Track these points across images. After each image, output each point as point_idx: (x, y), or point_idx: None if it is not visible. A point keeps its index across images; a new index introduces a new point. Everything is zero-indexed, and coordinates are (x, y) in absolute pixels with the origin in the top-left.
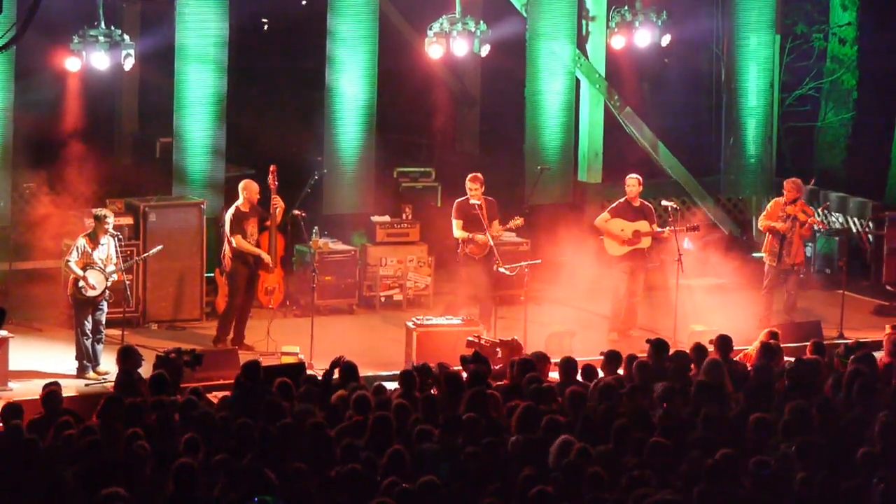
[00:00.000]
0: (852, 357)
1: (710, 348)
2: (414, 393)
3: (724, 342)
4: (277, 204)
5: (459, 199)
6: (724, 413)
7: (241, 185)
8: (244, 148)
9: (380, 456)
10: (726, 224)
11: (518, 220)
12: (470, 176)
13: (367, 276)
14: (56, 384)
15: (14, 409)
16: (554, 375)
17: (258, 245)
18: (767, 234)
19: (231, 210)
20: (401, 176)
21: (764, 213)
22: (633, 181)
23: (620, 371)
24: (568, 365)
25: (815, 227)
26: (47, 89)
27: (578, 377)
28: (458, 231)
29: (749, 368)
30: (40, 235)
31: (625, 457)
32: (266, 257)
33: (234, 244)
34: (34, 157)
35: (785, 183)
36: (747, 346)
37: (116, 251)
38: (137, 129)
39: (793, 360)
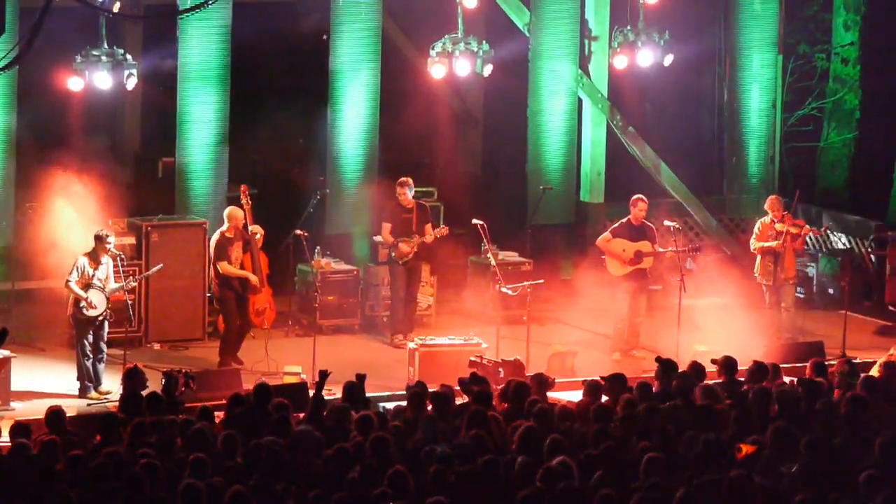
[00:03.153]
0: (862, 377)
1: (712, 368)
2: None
3: (728, 364)
4: (257, 231)
5: (391, 203)
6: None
7: (226, 213)
8: (246, 167)
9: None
10: (729, 244)
11: (443, 230)
12: (399, 180)
13: (369, 296)
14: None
15: (22, 428)
16: (553, 396)
17: (243, 268)
18: (760, 255)
19: (216, 236)
20: None
21: (754, 236)
22: (644, 205)
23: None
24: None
25: (812, 237)
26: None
27: None
28: (385, 235)
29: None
30: (42, 255)
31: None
32: (253, 278)
33: (220, 271)
34: (36, 177)
35: (767, 205)
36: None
37: (119, 270)
38: (139, 148)
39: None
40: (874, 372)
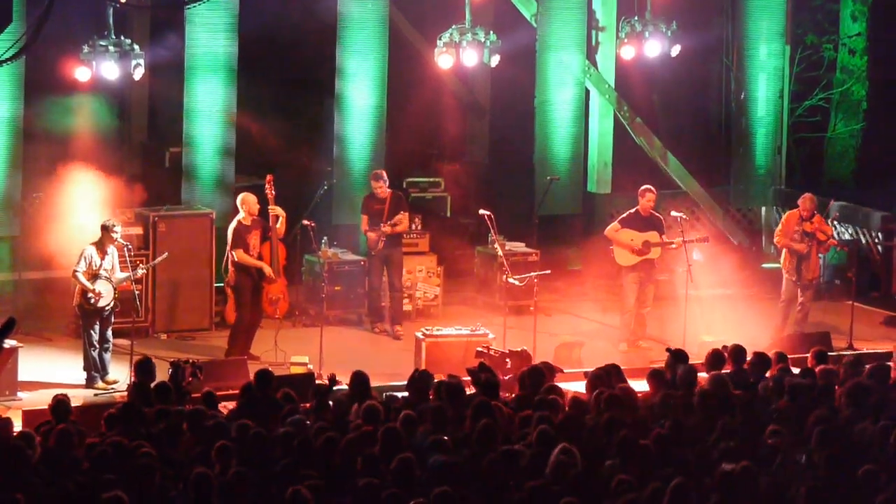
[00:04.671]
0: (868, 368)
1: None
2: (421, 402)
3: (737, 353)
4: (278, 213)
5: (367, 194)
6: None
7: (238, 200)
8: (254, 158)
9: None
10: (736, 234)
11: (400, 223)
12: (372, 173)
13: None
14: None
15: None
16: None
17: (260, 257)
18: (784, 250)
19: (233, 224)
20: (410, 186)
21: (779, 227)
22: (652, 196)
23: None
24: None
25: (835, 248)
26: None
27: None
28: (363, 226)
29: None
30: (49, 245)
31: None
32: (267, 269)
33: (235, 258)
34: (43, 167)
35: (801, 200)
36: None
37: (126, 260)
38: (146, 138)
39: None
40: None
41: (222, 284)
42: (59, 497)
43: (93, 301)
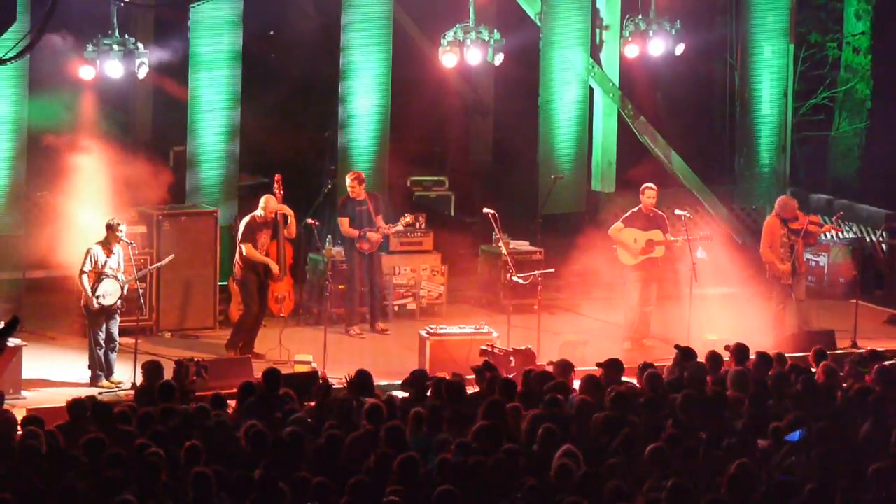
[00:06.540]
0: (876, 368)
1: (726, 356)
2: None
3: (740, 351)
4: (287, 213)
5: (342, 197)
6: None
7: (262, 199)
8: (257, 156)
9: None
10: (740, 233)
11: (408, 218)
12: (349, 174)
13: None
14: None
15: (33, 420)
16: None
17: (268, 254)
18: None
19: (246, 219)
20: (414, 185)
21: (763, 239)
22: (652, 192)
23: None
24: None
25: (831, 234)
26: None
27: None
28: (345, 228)
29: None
30: (54, 244)
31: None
32: (274, 266)
33: (243, 252)
34: (48, 166)
35: (780, 204)
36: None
37: (129, 259)
38: (150, 137)
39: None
40: None
41: (226, 283)
42: (62, 496)
43: (101, 299)
